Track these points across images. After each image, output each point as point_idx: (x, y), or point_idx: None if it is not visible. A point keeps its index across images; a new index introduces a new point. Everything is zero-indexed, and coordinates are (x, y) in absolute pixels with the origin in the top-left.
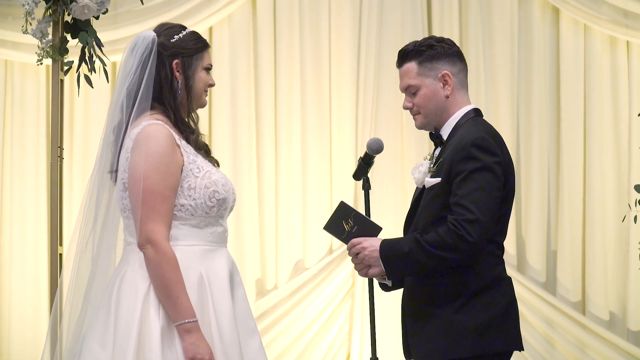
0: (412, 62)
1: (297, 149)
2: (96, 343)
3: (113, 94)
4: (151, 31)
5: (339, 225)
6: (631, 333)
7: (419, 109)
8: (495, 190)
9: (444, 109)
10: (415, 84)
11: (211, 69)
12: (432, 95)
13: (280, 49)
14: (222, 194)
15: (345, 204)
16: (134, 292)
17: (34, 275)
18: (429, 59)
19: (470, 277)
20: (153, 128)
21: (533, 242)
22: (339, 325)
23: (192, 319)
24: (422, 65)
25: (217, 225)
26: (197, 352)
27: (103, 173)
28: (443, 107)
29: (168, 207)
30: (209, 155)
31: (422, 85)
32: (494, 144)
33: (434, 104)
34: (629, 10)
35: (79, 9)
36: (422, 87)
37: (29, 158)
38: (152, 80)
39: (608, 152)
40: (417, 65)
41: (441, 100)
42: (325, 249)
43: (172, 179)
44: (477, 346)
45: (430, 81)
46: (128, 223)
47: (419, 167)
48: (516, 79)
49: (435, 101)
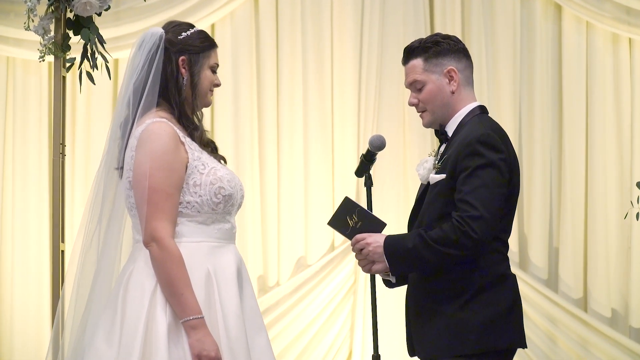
0: (418, 58)
1: (299, 146)
2: (102, 340)
3: (120, 89)
4: (159, 28)
5: (343, 221)
6: (633, 330)
7: (425, 106)
8: (500, 187)
9: (450, 105)
10: (421, 80)
11: (217, 68)
12: (438, 91)
13: (282, 46)
14: (227, 190)
15: (350, 199)
16: (141, 290)
17: (36, 272)
18: (434, 55)
19: (475, 274)
20: (156, 126)
21: (535, 239)
22: (341, 322)
23: (198, 315)
24: (428, 61)
25: (224, 221)
26: (203, 349)
27: (109, 169)
28: (449, 103)
29: (172, 205)
30: (215, 151)
31: (428, 80)
32: (499, 140)
33: (440, 99)
34: (631, 7)
35: (81, 5)
36: (428, 82)
37: (31, 155)
38: (158, 76)
39: (610, 149)
40: (423, 62)
41: (447, 96)
42: (327, 246)
43: (175, 176)
44: (481, 343)
45: (436, 77)
46: (135, 221)
47: (423, 164)
48: (518, 77)
49: (441, 97)
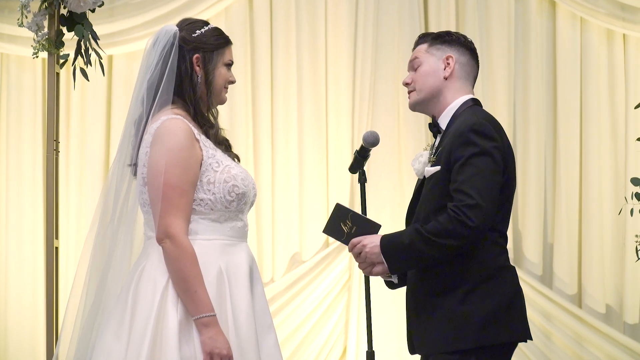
0: (426, 43)
1: (293, 142)
2: (111, 335)
3: (135, 87)
4: (174, 25)
5: (337, 227)
6: (628, 326)
7: (415, 85)
8: (494, 175)
9: (440, 91)
10: (420, 58)
11: (232, 65)
12: (432, 72)
13: (276, 43)
14: (241, 188)
15: (341, 205)
16: (153, 285)
17: (31, 269)
18: (440, 41)
19: (474, 266)
20: (172, 123)
21: (530, 235)
22: (336, 318)
23: (210, 313)
24: (432, 45)
25: (237, 219)
26: (215, 347)
27: (123, 166)
28: (438, 89)
29: (187, 202)
30: (229, 149)
31: (425, 61)
32: (493, 129)
33: (430, 81)
34: (625, 3)
35: (75, 2)
36: (424, 63)
37: (25, 151)
38: (173, 73)
39: (605, 145)
40: (428, 45)
41: (438, 80)
42: (322, 242)
43: (190, 173)
44: (482, 337)
45: (434, 60)
46: (148, 217)
47: (418, 158)
48: (513, 72)
49: (433, 79)
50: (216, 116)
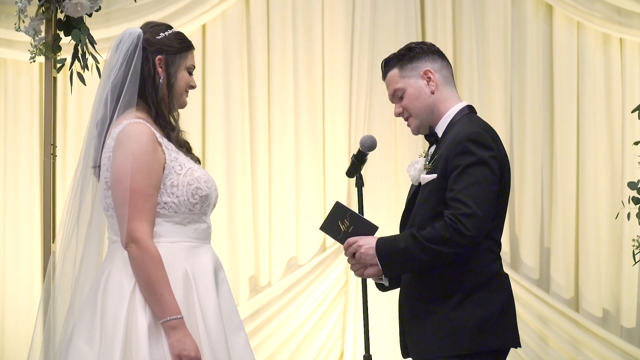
0: (394, 68)
1: (290, 146)
2: (83, 341)
3: (98, 88)
4: (137, 28)
5: (334, 226)
6: (624, 330)
7: (409, 111)
8: (491, 184)
9: (433, 106)
10: (400, 87)
11: (194, 70)
12: (418, 93)
13: (273, 47)
14: (204, 190)
15: (340, 204)
16: (119, 290)
17: (28, 273)
18: (409, 60)
19: (468, 273)
20: (134, 127)
21: (526, 239)
22: (333, 322)
23: (177, 315)
24: (404, 68)
25: (201, 222)
26: (183, 349)
27: (87, 169)
28: (431, 104)
29: (151, 206)
30: (190, 152)
31: (406, 86)
32: (489, 138)
33: (421, 101)
34: (622, 7)
35: (72, 6)
36: (407, 88)
37: (22, 155)
38: (137, 75)
39: (601, 149)
40: (399, 70)
41: (427, 97)
42: (318, 246)
43: (154, 177)
44: (475, 343)
45: (414, 80)
46: (112, 222)
47: (414, 165)
48: (509, 77)
49: (422, 98)
50: (177, 119)
